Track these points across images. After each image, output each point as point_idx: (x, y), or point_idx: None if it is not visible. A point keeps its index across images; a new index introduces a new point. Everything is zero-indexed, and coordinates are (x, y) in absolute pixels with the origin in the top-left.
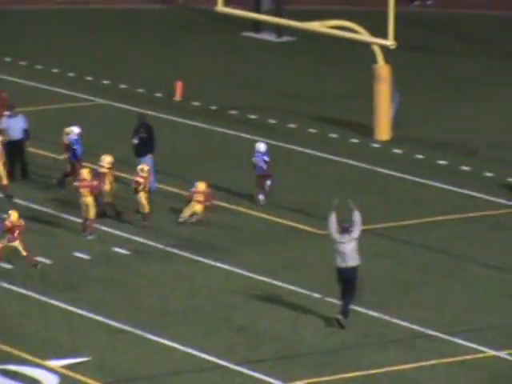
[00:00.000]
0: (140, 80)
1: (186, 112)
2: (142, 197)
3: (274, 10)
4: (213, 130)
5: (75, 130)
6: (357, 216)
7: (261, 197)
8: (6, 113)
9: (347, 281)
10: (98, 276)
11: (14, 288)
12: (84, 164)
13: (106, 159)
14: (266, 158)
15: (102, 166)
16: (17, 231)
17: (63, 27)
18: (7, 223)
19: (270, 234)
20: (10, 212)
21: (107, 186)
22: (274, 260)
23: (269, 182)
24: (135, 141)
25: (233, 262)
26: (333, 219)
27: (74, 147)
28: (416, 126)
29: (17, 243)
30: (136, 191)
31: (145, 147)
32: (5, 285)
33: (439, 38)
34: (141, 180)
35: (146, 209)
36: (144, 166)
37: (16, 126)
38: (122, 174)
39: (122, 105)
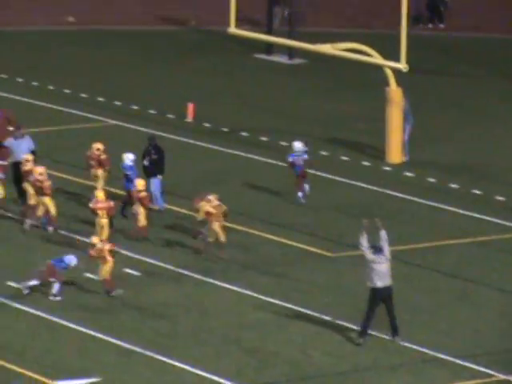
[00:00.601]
0: (152, 101)
1: (198, 133)
2: (215, 226)
3: (286, 32)
4: (224, 152)
5: (130, 156)
6: (384, 235)
7: (300, 194)
8: (10, 129)
9: (384, 300)
10: (110, 297)
11: (25, 308)
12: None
13: (141, 183)
14: (306, 157)
15: (140, 191)
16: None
17: (75, 48)
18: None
19: (281, 256)
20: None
21: (144, 210)
22: (285, 282)
23: (307, 187)
24: (145, 162)
25: (244, 284)
26: (364, 239)
27: (128, 173)
28: (428, 149)
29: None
30: (205, 221)
31: (155, 168)
32: (15, 305)
33: (451, 61)
34: (213, 211)
35: (222, 237)
36: (213, 196)
37: (20, 148)
38: None
39: (134, 126)
